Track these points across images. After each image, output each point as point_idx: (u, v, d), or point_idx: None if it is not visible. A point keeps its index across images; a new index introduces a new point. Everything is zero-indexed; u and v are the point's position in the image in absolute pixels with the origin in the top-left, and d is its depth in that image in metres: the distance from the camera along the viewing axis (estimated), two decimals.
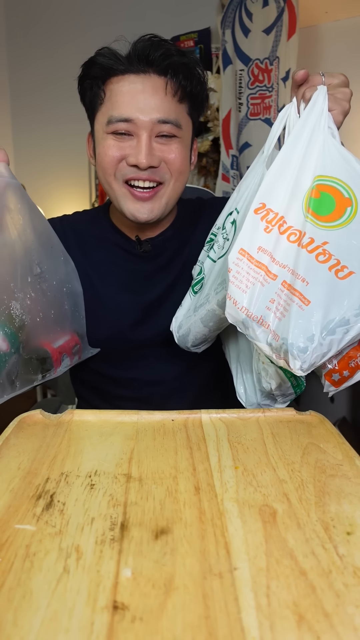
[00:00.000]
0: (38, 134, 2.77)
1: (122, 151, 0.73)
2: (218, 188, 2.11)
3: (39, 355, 0.66)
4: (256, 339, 0.53)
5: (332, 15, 2.01)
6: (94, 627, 0.29)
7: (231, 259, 0.53)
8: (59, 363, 0.68)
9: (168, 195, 0.76)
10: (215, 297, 0.61)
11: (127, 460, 0.48)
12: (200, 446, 0.51)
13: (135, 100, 0.71)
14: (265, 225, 0.53)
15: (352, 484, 0.44)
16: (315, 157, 0.54)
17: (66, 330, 0.72)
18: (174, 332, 0.73)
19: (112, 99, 0.73)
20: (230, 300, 0.53)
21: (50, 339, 0.67)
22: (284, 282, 0.52)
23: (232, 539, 0.36)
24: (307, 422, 0.58)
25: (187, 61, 0.74)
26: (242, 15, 1.92)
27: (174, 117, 0.73)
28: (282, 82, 1.88)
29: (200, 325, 0.66)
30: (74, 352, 0.72)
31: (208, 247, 0.73)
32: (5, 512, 0.40)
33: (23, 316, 0.63)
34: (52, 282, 0.68)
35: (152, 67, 0.72)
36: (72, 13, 2.58)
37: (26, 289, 0.63)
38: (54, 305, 0.68)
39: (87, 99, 0.78)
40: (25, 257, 0.64)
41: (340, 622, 0.29)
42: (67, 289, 0.72)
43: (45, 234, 0.69)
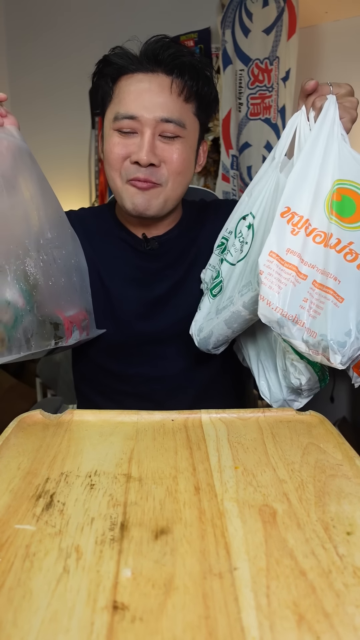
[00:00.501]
0: (38, 139, 2.77)
1: (127, 149, 0.74)
2: (218, 188, 2.11)
3: (51, 319, 0.66)
4: (291, 337, 0.56)
5: (332, 15, 2.01)
6: (94, 627, 0.29)
7: (262, 261, 0.55)
8: (70, 333, 0.68)
9: (165, 195, 0.77)
10: (241, 299, 0.63)
11: (127, 460, 0.48)
12: (200, 446, 0.51)
13: (141, 98, 0.73)
14: (291, 228, 0.56)
15: (352, 484, 0.44)
16: (332, 162, 0.57)
17: (75, 302, 0.72)
18: (194, 336, 0.74)
19: (120, 96, 0.75)
20: (264, 301, 0.55)
21: (62, 307, 0.68)
22: (314, 281, 0.55)
23: (232, 539, 0.36)
24: (307, 422, 0.58)
25: (195, 61, 0.75)
26: (242, 15, 1.93)
27: (178, 117, 0.74)
28: (282, 82, 1.88)
29: (224, 327, 0.67)
30: (83, 327, 0.73)
31: (219, 250, 0.75)
32: (5, 512, 0.40)
33: (37, 275, 0.63)
34: (62, 251, 0.69)
35: (160, 67, 0.73)
36: (72, 12, 2.58)
37: (39, 250, 0.64)
38: (63, 273, 0.69)
39: (99, 97, 0.79)
40: (38, 219, 0.65)
41: (340, 622, 0.29)
42: (75, 262, 0.72)
43: (53, 204, 0.70)
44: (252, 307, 0.62)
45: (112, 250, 0.85)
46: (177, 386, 0.86)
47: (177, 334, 0.84)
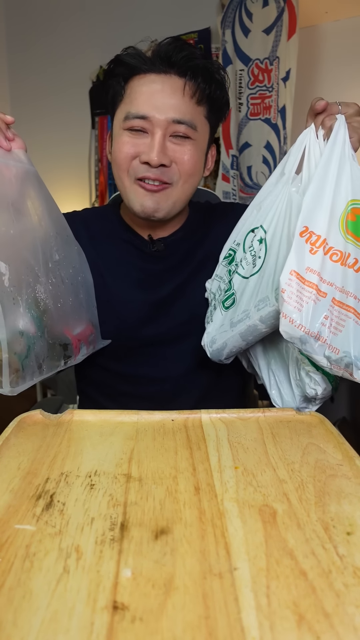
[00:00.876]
0: (38, 139, 2.77)
1: (136, 148, 0.74)
2: (218, 188, 2.11)
3: (61, 341, 0.67)
4: (313, 352, 0.57)
5: (332, 15, 2.01)
6: (94, 627, 0.29)
7: (283, 280, 0.57)
8: (78, 350, 0.69)
9: (176, 196, 0.77)
10: (257, 313, 0.64)
11: (127, 460, 0.48)
12: (200, 446, 0.51)
13: (153, 99, 0.73)
14: (310, 247, 0.58)
15: (352, 484, 0.44)
16: (345, 183, 0.59)
17: (82, 319, 0.73)
18: (206, 347, 0.75)
19: (131, 96, 0.75)
20: (286, 319, 0.57)
21: (70, 326, 0.69)
22: (334, 298, 0.57)
23: (232, 539, 0.36)
24: (307, 422, 0.58)
25: (209, 65, 0.75)
26: (242, 15, 1.93)
27: (190, 118, 0.74)
28: (282, 82, 1.88)
29: (238, 340, 0.69)
30: (90, 341, 0.74)
31: (227, 262, 0.75)
32: (5, 512, 0.40)
33: (47, 300, 0.64)
34: (69, 270, 0.70)
35: (173, 69, 0.74)
36: (72, 12, 2.58)
37: (48, 274, 0.65)
38: (70, 293, 0.70)
39: (110, 96, 0.79)
40: (46, 243, 0.65)
41: (340, 622, 0.29)
42: (81, 279, 0.73)
43: (61, 223, 0.71)
44: (269, 321, 0.64)
45: (115, 252, 0.85)
46: (181, 387, 0.86)
47: (180, 335, 0.84)
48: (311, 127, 0.64)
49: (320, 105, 0.63)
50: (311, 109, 0.65)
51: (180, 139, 0.74)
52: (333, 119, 0.61)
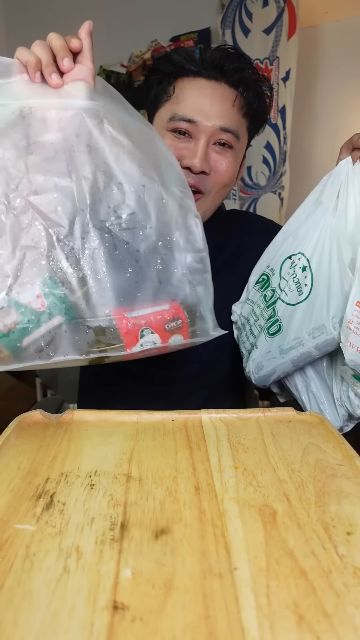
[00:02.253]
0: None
1: (179, 152, 0.73)
2: None
3: (97, 323, 0.51)
4: None
5: (332, 15, 2.02)
6: (94, 627, 0.29)
7: (349, 311, 0.60)
8: (134, 339, 0.53)
9: (206, 206, 0.78)
10: (313, 341, 0.66)
11: (127, 460, 0.48)
12: (200, 446, 0.51)
13: (202, 104, 0.72)
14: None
15: (352, 484, 0.44)
16: None
17: (160, 297, 0.54)
18: (252, 374, 0.76)
19: (180, 97, 0.74)
20: (353, 349, 0.60)
21: (124, 306, 0.52)
22: None
23: (232, 539, 0.36)
24: (307, 422, 0.58)
25: (259, 79, 0.76)
26: (242, 15, 1.93)
27: (235, 128, 0.74)
28: (282, 82, 1.89)
29: (289, 366, 0.71)
30: (170, 329, 0.55)
31: (260, 287, 0.77)
32: (5, 512, 0.40)
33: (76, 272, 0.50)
34: (138, 232, 0.52)
35: (224, 77, 0.73)
36: (72, 12, 2.58)
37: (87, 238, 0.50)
38: (133, 263, 0.52)
39: (153, 93, 0.79)
40: (95, 199, 0.50)
41: (340, 622, 0.29)
42: (171, 244, 0.55)
43: (153, 169, 0.54)
44: (325, 348, 0.66)
45: None
46: (189, 389, 0.86)
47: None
48: (348, 159, 0.67)
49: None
50: (350, 143, 0.66)
51: (222, 147, 0.74)
52: None
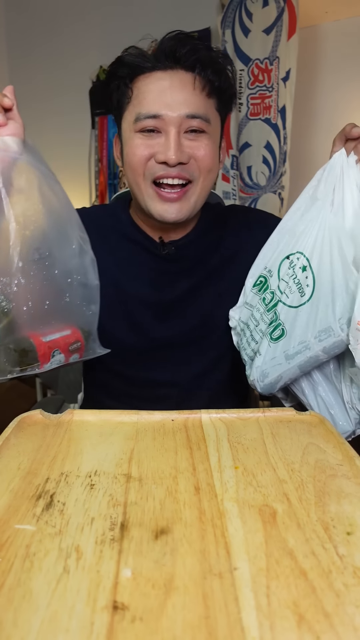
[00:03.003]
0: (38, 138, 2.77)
1: (151, 149, 0.72)
2: (218, 188, 2.11)
3: (18, 346, 0.61)
4: None
5: (332, 15, 2.01)
6: (94, 627, 0.29)
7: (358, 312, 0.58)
8: (47, 358, 0.63)
9: (197, 194, 0.75)
10: (320, 344, 0.64)
11: (127, 460, 0.48)
12: (200, 446, 0.51)
13: (163, 96, 0.71)
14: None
15: (352, 484, 0.44)
16: None
17: (66, 324, 0.66)
18: (257, 383, 0.73)
19: (140, 96, 0.72)
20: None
21: (40, 331, 0.63)
22: None
23: (232, 539, 0.36)
24: (307, 422, 0.58)
25: (215, 55, 0.73)
26: (242, 15, 1.93)
27: (203, 112, 0.72)
28: (282, 82, 1.88)
29: (297, 372, 0.68)
30: (72, 350, 0.67)
31: (257, 289, 0.74)
32: (5, 512, 0.40)
33: (3, 303, 0.59)
34: (54, 271, 0.63)
35: (179, 64, 0.71)
36: (72, 12, 2.58)
37: (14, 274, 0.59)
38: (49, 296, 0.63)
39: (115, 99, 0.77)
40: (21, 240, 0.60)
41: (340, 622, 0.29)
42: (75, 281, 0.67)
43: (59, 221, 0.65)
44: (333, 351, 0.64)
45: (127, 253, 0.83)
46: (189, 393, 0.85)
47: (191, 340, 0.83)
48: (342, 151, 0.64)
49: (357, 132, 0.63)
50: (342, 134, 0.64)
51: (195, 134, 0.72)
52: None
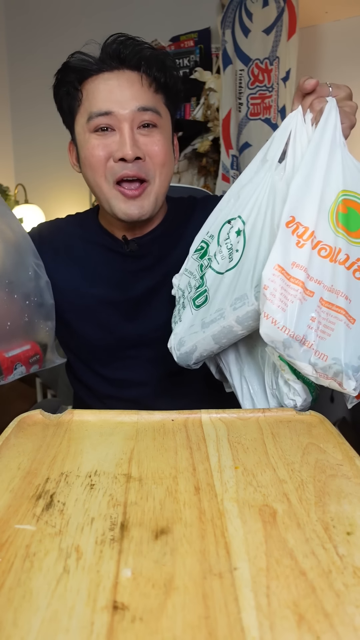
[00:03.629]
0: (38, 135, 2.77)
1: (108, 148, 0.73)
2: (218, 188, 2.11)
3: None
4: (297, 358, 0.51)
5: (332, 15, 2.01)
6: (94, 627, 0.29)
7: (266, 275, 0.51)
8: (9, 371, 0.70)
9: (156, 191, 0.76)
10: (234, 313, 0.58)
11: (127, 460, 0.48)
12: (200, 446, 0.51)
13: (113, 94, 0.72)
14: (297, 240, 0.52)
15: (352, 484, 0.44)
16: (335, 172, 0.53)
17: (26, 340, 0.74)
18: (173, 350, 0.68)
19: (89, 96, 0.74)
20: (268, 320, 0.50)
21: (3, 347, 0.70)
22: (321, 298, 0.51)
23: (232, 539, 0.36)
24: (307, 422, 0.58)
25: (158, 53, 0.75)
26: (242, 15, 1.93)
27: (153, 105, 0.73)
28: (282, 82, 1.88)
29: (210, 342, 0.62)
30: (32, 362, 0.75)
31: (198, 255, 0.69)
32: (5, 512, 0.40)
33: None
34: (13, 296, 0.71)
35: (124, 64, 0.73)
36: (72, 12, 2.58)
37: None
38: (11, 317, 0.71)
39: (65, 106, 0.78)
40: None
41: (340, 622, 0.29)
42: (33, 302, 0.74)
43: (14, 250, 0.72)
44: (247, 322, 0.58)
45: (91, 258, 0.85)
46: (163, 391, 0.85)
47: (160, 338, 0.82)
48: (298, 110, 0.59)
49: (310, 84, 0.58)
50: (299, 89, 0.60)
51: (147, 129, 0.74)
52: (323, 102, 0.56)
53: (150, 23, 2.32)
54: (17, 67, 2.78)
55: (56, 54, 2.96)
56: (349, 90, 0.60)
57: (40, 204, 2.61)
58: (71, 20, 2.58)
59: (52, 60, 3.04)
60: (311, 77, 0.59)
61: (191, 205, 0.90)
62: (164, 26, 2.27)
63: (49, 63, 2.95)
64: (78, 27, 2.55)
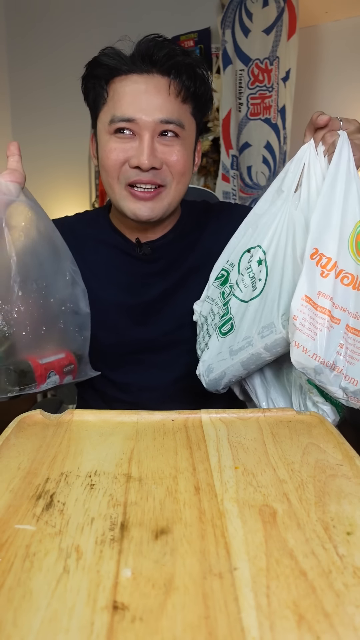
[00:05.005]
0: (38, 133, 2.77)
1: (125, 153, 0.72)
2: (218, 188, 2.11)
3: (18, 367, 0.66)
4: (328, 383, 0.54)
5: (332, 15, 2.01)
6: (94, 627, 0.29)
7: (295, 306, 0.53)
8: (43, 379, 0.68)
9: (170, 197, 0.76)
10: (262, 341, 0.60)
11: (127, 460, 0.48)
12: (200, 446, 0.51)
13: (138, 100, 0.71)
14: (321, 270, 0.54)
15: (352, 484, 0.44)
16: (352, 202, 0.56)
17: (59, 348, 0.72)
18: (202, 377, 0.71)
19: (115, 98, 0.72)
20: (299, 348, 0.53)
21: (37, 354, 0.68)
22: (347, 325, 0.54)
23: (232, 539, 0.36)
24: (307, 422, 0.58)
25: (191, 61, 0.73)
26: (242, 15, 1.93)
27: (177, 117, 0.72)
28: (282, 82, 1.89)
29: (240, 369, 0.65)
30: (66, 372, 0.73)
31: (219, 283, 0.72)
32: (5, 512, 0.40)
33: (5, 328, 0.64)
34: (49, 300, 0.69)
35: (155, 67, 0.71)
36: (72, 13, 2.58)
37: (15, 302, 0.65)
38: (45, 322, 0.69)
39: (90, 99, 0.78)
40: (19, 272, 0.65)
41: (340, 622, 0.29)
42: (68, 309, 0.73)
43: (53, 256, 0.71)
44: (275, 349, 0.60)
45: (103, 258, 0.84)
46: (172, 395, 0.85)
47: (170, 343, 0.83)
48: (310, 142, 0.61)
49: (323, 120, 0.61)
50: (311, 124, 0.62)
51: (168, 139, 0.73)
52: (335, 135, 0.59)
53: (150, 23, 2.32)
54: (16, 64, 2.78)
55: (55, 52, 2.97)
56: (358, 124, 0.62)
57: (40, 204, 2.60)
58: (71, 21, 2.58)
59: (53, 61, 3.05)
60: (323, 113, 0.61)
61: (205, 211, 0.89)
62: (164, 26, 2.26)
63: (49, 65, 2.96)
64: (78, 28, 2.55)
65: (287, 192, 0.63)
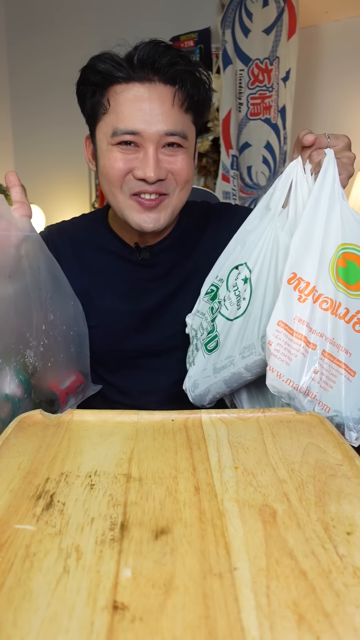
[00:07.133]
0: (38, 135, 2.77)
1: (129, 164, 0.71)
2: (218, 188, 2.11)
3: (47, 397, 0.67)
4: (302, 408, 0.54)
5: (332, 15, 2.01)
6: (94, 627, 0.29)
7: (270, 331, 0.53)
8: (65, 403, 0.70)
9: (174, 205, 0.76)
10: (243, 361, 0.60)
11: (127, 460, 0.48)
12: (200, 446, 0.51)
13: (141, 112, 0.69)
14: (298, 295, 0.54)
15: (352, 484, 0.44)
16: (334, 225, 0.55)
17: (72, 371, 0.73)
18: (189, 392, 0.71)
19: (117, 109, 0.70)
20: (273, 373, 0.53)
21: (58, 381, 0.69)
22: (324, 351, 0.53)
23: (232, 539, 0.36)
24: (307, 422, 0.58)
25: (193, 69, 0.72)
26: (242, 15, 1.93)
27: (181, 129, 0.71)
28: (282, 82, 1.89)
29: (222, 386, 0.65)
30: (79, 392, 0.74)
31: (208, 298, 0.71)
32: (5, 512, 0.40)
33: (36, 363, 0.65)
34: (62, 327, 0.71)
35: (157, 75, 0.69)
36: (72, 13, 2.58)
37: (40, 336, 0.66)
38: (62, 349, 0.71)
39: (88, 106, 0.75)
40: (41, 305, 0.66)
41: (340, 622, 0.29)
42: (74, 332, 0.74)
43: (59, 281, 0.72)
44: (255, 370, 0.60)
45: (102, 264, 0.83)
46: (171, 399, 0.85)
47: (169, 348, 0.82)
48: (298, 160, 0.61)
49: (309, 140, 0.59)
50: (298, 142, 0.61)
51: (172, 149, 0.72)
52: (322, 154, 0.58)
53: (150, 23, 2.32)
54: (16, 63, 2.78)
55: (56, 52, 2.97)
56: (348, 140, 0.61)
57: (41, 204, 2.61)
58: (71, 18, 2.58)
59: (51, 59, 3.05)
60: (310, 132, 0.60)
61: (205, 212, 0.88)
62: (164, 26, 2.27)
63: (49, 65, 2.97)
64: (78, 25, 2.55)
65: (274, 210, 0.62)
